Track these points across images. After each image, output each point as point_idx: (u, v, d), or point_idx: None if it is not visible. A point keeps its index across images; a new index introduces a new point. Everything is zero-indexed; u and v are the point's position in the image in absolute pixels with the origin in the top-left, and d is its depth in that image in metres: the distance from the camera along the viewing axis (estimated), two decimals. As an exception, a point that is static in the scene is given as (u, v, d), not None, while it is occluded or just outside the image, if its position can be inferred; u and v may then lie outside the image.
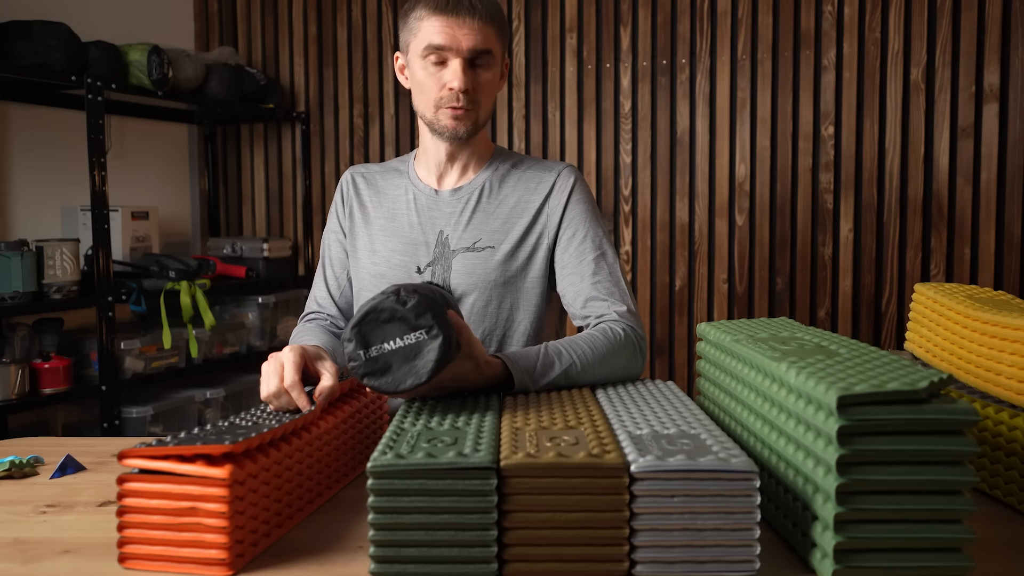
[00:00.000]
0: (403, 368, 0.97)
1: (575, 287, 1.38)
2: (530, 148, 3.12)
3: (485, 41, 1.32)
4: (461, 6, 1.30)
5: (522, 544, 0.79)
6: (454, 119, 1.34)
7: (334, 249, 1.52)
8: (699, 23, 2.93)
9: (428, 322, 0.97)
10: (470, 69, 1.33)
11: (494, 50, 1.34)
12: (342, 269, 1.51)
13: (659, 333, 3.02)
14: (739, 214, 2.92)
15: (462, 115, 1.34)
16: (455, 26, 1.30)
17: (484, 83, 1.35)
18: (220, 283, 2.94)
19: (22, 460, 1.18)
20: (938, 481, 0.77)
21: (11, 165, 2.63)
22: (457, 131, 1.36)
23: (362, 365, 0.98)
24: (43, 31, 2.38)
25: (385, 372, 0.97)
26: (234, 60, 3.16)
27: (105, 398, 2.47)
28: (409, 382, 0.97)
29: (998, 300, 1.18)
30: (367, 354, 0.97)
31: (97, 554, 0.88)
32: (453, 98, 1.33)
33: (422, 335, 0.97)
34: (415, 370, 0.97)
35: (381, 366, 0.97)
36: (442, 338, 0.97)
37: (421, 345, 0.97)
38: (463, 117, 1.34)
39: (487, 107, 1.38)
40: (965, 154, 2.72)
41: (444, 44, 1.31)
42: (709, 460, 0.78)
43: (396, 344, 0.97)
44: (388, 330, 0.97)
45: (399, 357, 0.97)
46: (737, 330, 1.09)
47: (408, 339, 0.97)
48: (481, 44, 1.31)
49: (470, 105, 1.34)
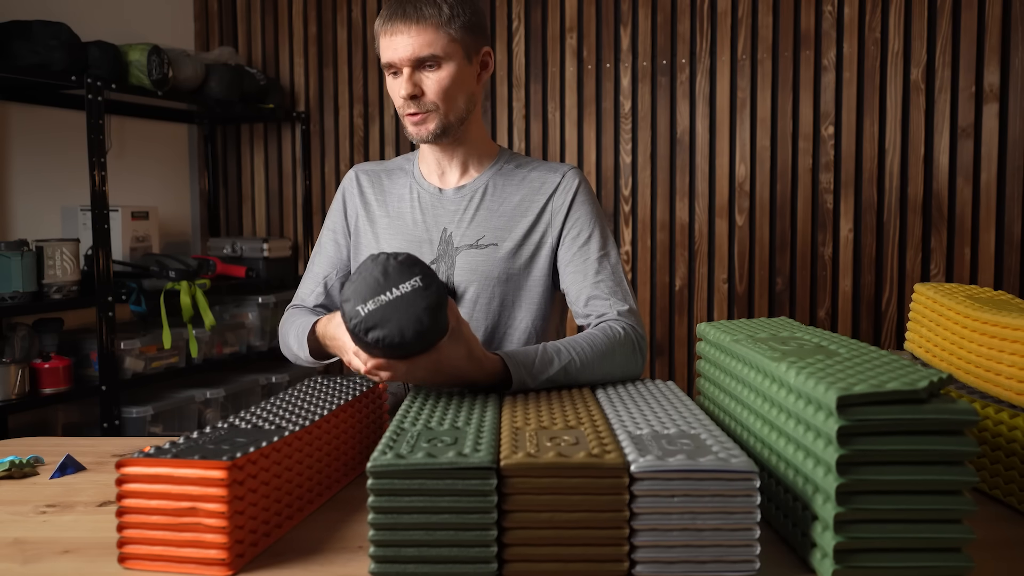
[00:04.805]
0: (403, 317, 1.00)
1: (577, 286, 1.39)
2: (530, 148, 3.12)
3: (424, 46, 1.33)
4: (396, 17, 1.34)
5: (522, 544, 0.79)
6: (414, 125, 1.38)
7: (327, 247, 1.54)
8: (699, 23, 2.93)
9: (418, 272, 1.02)
10: (418, 74, 1.35)
11: (440, 51, 1.34)
12: (331, 268, 1.52)
13: (659, 333, 3.02)
14: (739, 214, 2.92)
15: (419, 120, 1.37)
16: (394, 38, 1.34)
17: (434, 85, 1.35)
18: (220, 283, 2.94)
19: (22, 460, 1.18)
20: (938, 481, 0.77)
21: (11, 165, 2.63)
22: (420, 135, 1.39)
23: (363, 320, 1.00)
24: (43, 31, 2.38)
25: (386, 323, 1.00)
26: (234, 60, 3.16)
27: (105, 398, 2.47)
28: (412, 330, 1.00)
29: (998, 300, 1.18)
30: (365, 309, 1.00)
31: (97, 554, 0.88)
32: (406, 105, 1.37)
33: (416, 282, 1.01)
34: (415, 317, 1.00)
35: (381, 318, 1.00)
36: (435, 285, 1.01)
37: (416, 294, 1.01)
38: (419, 122, 1.37)
39: (450, 107, 1.37)
40: (965, 154, 2.72)
41: (390, 60, 1.35)
42: (709, 460, 0.78)
43: (392, 294, 1.01)
44: (382, 285, 1.01)
45: (397, 307, 1.00)
46: (737, 330, 1.09)
47: (404, 287, 1.01)
48: (420, 50, 1.33)
49: (424, 108, 1.36)
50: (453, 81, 1.36)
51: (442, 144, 1.43)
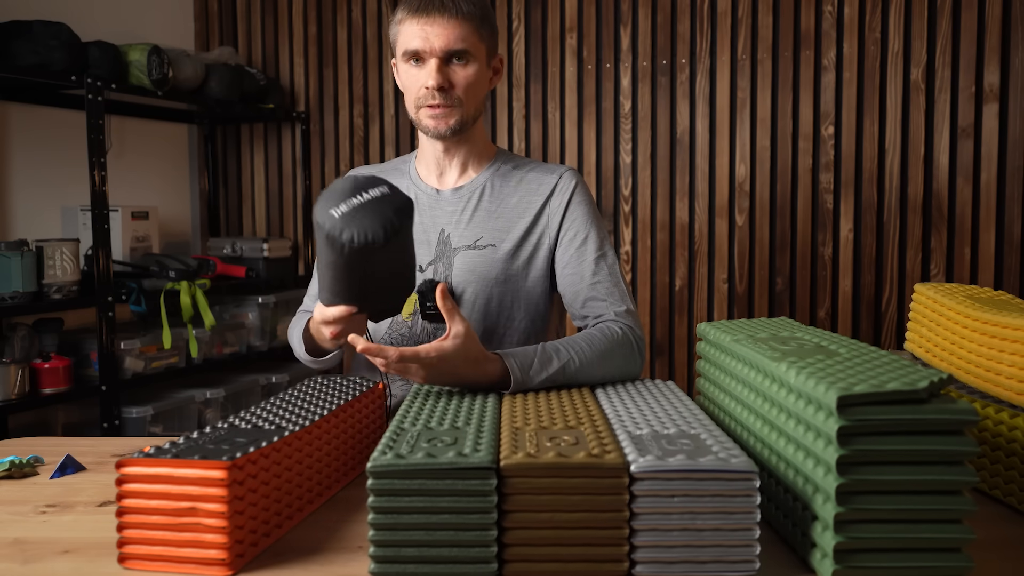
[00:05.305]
0: (375, 219, 1.04)
1: (575, 287, 1.39)
2: (530, 148, 3.12)
3: (459, 39, 1.33)
4: (432, 6, 1.33)
5: (522, 544, 0.79)
6: (432, 118, 1.37)
7: None
8: (699, 23, 2.93)
9: (384, 183, 1.09)
10: (447, 67, 1.34)
11: (471, 48, 1.34)
12: None
13: (659, 333, 3.02)
14: (739, 214, 2.92)
15: (440, 113, 1.36)
16: (428, 27, 1.32)
17: (463, 80, 1.35)
18: (220, 283, 2.94)
19: (22, 460, 1.18)
20: (938, 481, 0.77)
21: (11, 165, 2.63)
22: (438, 129, 1.37)
23: (337, 223, 1.04)
24: (43, 31, 2.38)
25: (359, 223, 1.04)
26: (234, 60, 3.16)
27: (105, 398, 2.47)
28: (383, 230, 1.04)
29: (998, 300, 1.18)
30: (338, 211, 1.05)
31: (97, 554, 0.88)
32: (430, 96, 1.35)
33: (384, 190, 1.08)
34: (385, 219, 1.04)
35: (352, 220, 1.04)
36: (401, 194, 1.09)
37: (383, 199, 1.07)
38: (442, 115, 1.36)
39: (472, 104, 1.38)
40: (965, 154, 2.72)
41: (419, 48, 1.34)
42: (709, 460, 0.78)
43: (363, 198, 1.06)
44: (352, 191, 1.07)
45: (367, 211, 1.05)
46: (737, 330, 1.09)
47: (373, 192, 1.07)
48: (454, 43, 1.32)
49: (449, 103, 1.35)
50: (478, 78, 1.37)
51: (449, 142, 1.43)
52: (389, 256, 1.07)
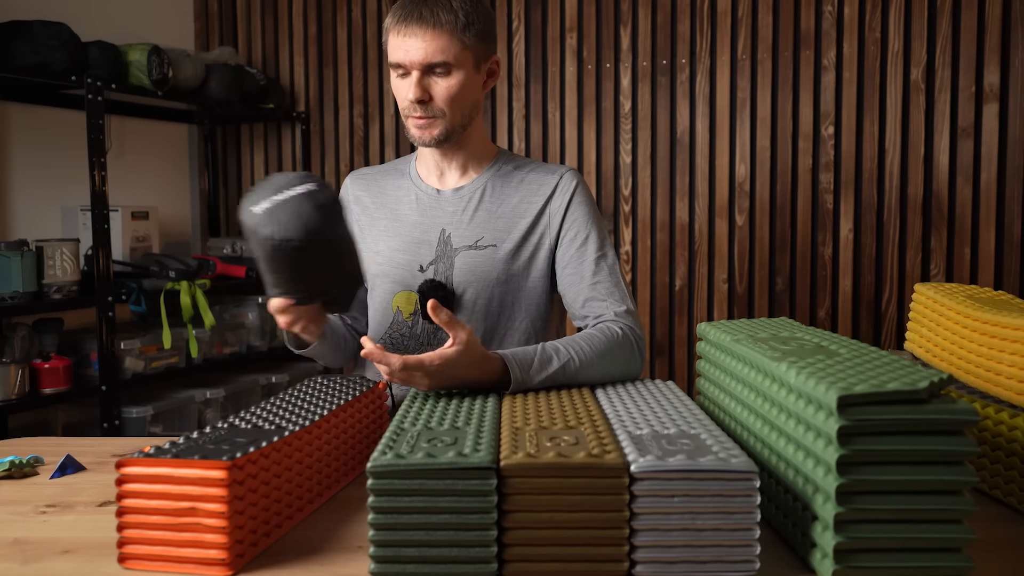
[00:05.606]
0: (293, 216, 1.05)
1: (575, 287, 1.39)
2: (530, 148, 3.12)
3: (438, 52, 1.31)
4: (411, 18, 1.31)
5: (522, 544, 0.79)
6: (417, 128, 1.37)
7: None
8: (699, 23, 2.93)
9: (313, 180, 1.09)
10: (427, 79, 1.33)
11: (451, 59, 1.32)
12: None
13: (659, 333, 3.02)
14: (739, 214, 2.92)
15: (423, 124, 1.36)
16: (408, 39, 1.32)
17: (443, 92, 1.34)
18: (220, 283, 2.94)
19: (22, 460, 1.18)
20: (938, 481, 0.77)
21: (11, 165, 2.63)
22: (423, 139, 1.37)
23: (258, 219, 1.06)
24: (43, 31, 2.38)
25: (277, 220, 1.05)
26: (234, 60, 3.16)
27: (105, 398, 2.47)
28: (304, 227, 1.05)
29: (998, 300, 1.18)
30: (260, 208, 1.07)
31: (97, 554, 0.88)
32: (412, 109, 1.35)
33: (310, 187, 1.08)
34: (305, 216, 1.06)
35: (271, 217, 1.06)
36: (328, 191, 1.09)
37: (306, 196, 1.08)
38: (425, 126, 1.36)
39: (457, 113, 1.37)
40: (965, 154, 2.72)
41: (400, 60, 1.33)
42: (709, 460, 0.78)
43: (284, 195, 1.07)
44: (276, 188, 1.08)
45: (287, 208, 1.06)
46: (737, 330, 1.09)
47: (297, 189, 1.08)
48: (432, 56, 1.31)
49: (430, 114, 1.35)
50: (461, 88, 1.35)
51: (443, 148, 1.43)
52: (317, 252, 1.08)
